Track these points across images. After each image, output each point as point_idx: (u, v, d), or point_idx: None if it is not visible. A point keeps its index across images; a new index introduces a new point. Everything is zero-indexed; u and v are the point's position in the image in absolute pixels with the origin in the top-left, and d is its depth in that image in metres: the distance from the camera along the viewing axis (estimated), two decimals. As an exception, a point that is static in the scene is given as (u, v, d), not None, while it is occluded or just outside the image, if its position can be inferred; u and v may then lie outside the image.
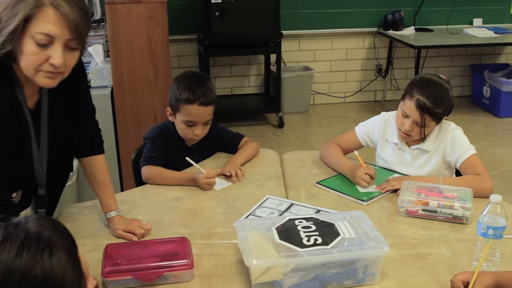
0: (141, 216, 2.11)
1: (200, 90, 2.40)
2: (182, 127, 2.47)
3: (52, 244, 1.09)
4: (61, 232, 1.15)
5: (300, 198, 2.26)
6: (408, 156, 2.45)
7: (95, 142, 2.07)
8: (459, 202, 2.06)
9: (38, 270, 1.05)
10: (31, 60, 1.60)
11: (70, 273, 1.09)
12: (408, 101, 2.32)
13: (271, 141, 5.20)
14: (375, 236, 1.72)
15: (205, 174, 2.33)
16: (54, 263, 1.07)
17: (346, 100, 6.31)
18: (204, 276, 1.76)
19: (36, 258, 1.06)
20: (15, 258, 1.05)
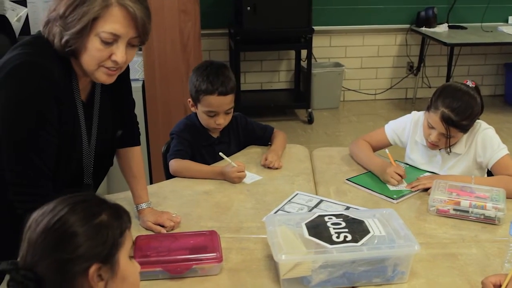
0: (170, 209, 2.12)
1: (218, 80, 2.42)
2: (204, 117, 2.49)
3: (99, 215, 1.20)
4: (120, 218, 1.24)
5: (329, 195, 2.25)
6: (438, 158, 2.42)
7: (133, 134, 2.09)
8: (491, 202, 2.03)
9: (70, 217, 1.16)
10: (94, 56, 1.64)
11: (91, 237, 1.16)
12: (433, 114, 2.27)
13: (300, 137, 5.19)
14: (405, 234, 1.71)
15: (236, 168, 2.35)
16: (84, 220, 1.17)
17: (377, 97, 6.27)
18: (232, 270, 1.77)
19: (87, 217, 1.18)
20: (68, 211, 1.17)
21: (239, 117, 2.67)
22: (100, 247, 1.16)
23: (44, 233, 1.14)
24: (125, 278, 1.22)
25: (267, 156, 2.51)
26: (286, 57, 6.01)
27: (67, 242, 1.13)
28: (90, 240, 1.15)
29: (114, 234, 1.19)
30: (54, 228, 1.14)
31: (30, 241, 1.15)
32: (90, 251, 1.15)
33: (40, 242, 1.14)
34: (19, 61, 1.60)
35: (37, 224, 1.16)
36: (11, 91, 1.60)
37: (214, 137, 2.58)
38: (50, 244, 1.13)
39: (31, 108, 1.61)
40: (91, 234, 1.15)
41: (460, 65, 6.07)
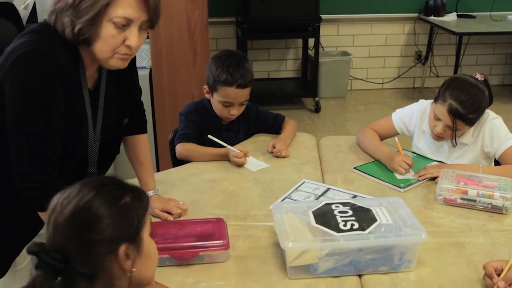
0: (177, 196, 2.12)
1: (238, 72, 2.41)
2: (219, 106, 2.48)
3: (123, 197, 1.23)
4: (140, 199, 1.27)
5: (336, 183, 2.25)
6: (445, 148, 2.41)
7: (140, 121, 2.10)
8: (499, 191, 2.03)
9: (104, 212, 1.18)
10: (109, 43, 1.64)
11: (117, 218, 1.19)
12: (440, 106, 2.25)
13: (307, 125, 5.18)
14: (412, 223, 1.71)
15: (235, 153, 2.35)
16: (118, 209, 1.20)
17: (384, 87, 6.25)
18: (239, 257, 1.77)
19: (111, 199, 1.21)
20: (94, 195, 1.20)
21: (251, 106, 2.66)
22: (126, 228, 1.20)
23: (72, 216, 1.17)
24: (149, 255, 1.27)
25: (275, 144, 2.51)
26: (293, 45, 6.00)
27: (95, 225, 1.16)
28: (117, 222, 1.18)
29: (138, 214, 1.23)
30: (82, 211, 1.17)
31: (57, 224, 1.17)
32: (117, 232, 1.18)
33: (68, 225, 1.16)
34: (26, 48, 1.60)
35: (62, 207, 1.18)
36: (18, 79, 1.60)
37: (223, 124, 2.58)
38: (79, 227, 1.16)
39: (38, 96, 1.61)
40: (117, 216, 1.19)
41: (469, 55, 6.04)
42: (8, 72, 1.59)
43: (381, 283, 1.64)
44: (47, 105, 1.63)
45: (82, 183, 1.23)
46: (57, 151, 1.68)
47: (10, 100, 1.61)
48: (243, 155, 2.37)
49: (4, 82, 1.60)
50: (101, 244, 1.16)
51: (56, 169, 1.69)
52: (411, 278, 1.66)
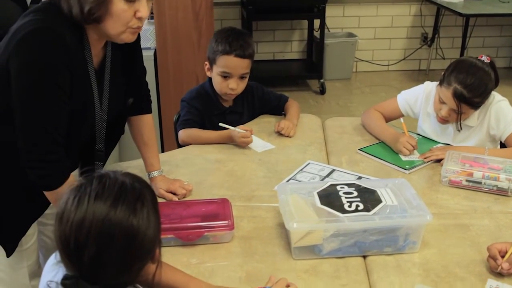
0: (182, 177, 2.13)
1: (237, 42, 2.40)
2: (218, 80, 2.46)
3: (143, 198, 1.18)
4: (148, 185, 1.24)
5: (341, 164, 2.25)
6: (450, 130, 2.39)
7: (144, 101, 2.09)
8: (504, 174, 2.02)
9: (133, 221, 1.14)
10: (121, 18, 1.64)
11: (153, 225, 1.17)
12: (445, 89, 2.23)
13: (312, 107, 5.17)
14: (417, 204, 1.70)
15: (242, 134, 2.35)
16: (144, 216, 1.15)
17: (390, 68, 6.22)
18: (244, 238, 1.78)
19: (130, 211, 1.14)
20: (111, 207, 1.13)
21: (256, 86, 2.65)
22: (156, 229, 1.19)
23: (108, 242, 1.12)
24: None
25: (281, 122, 2.51)
26: (298, 27, 5.96)
27: (133, 245, 1.14)
28: (150, 230, 1.16)
29: (157, 206, 1.22)
30: (117, 235, 1.12)
31: (87, 251, 1.12)
32: (152, 239, 1.18)
33: (103, 253, 1.12)
34: (31, 27, 1.59)
35: (94, 226, 1.12)
36: (23, 59, 1.59)
37: (226, 106, 2.57)
38: (117, 253, 1.13)
39: (43, 76, 1.61)
40: (148, 224, 1.16)
41: (475, 37, 5.99)
42: (14, 51, 1.59)
43: (385, 264, 1.65)
44: (52, 84, 1.63)
45: (106, 194, 1.15)
46: (62, 130, 1.69)
47: (16, 79, 1.60)
48: (250, 134, 2.37)
49: (10, 61, 1.60)
50: (142, 257, 1.17)
51: (61, 148, 1.69)
52: (416, 259, 1.67)
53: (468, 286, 1.55)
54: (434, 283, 1.56)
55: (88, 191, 1.15)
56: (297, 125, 2.59)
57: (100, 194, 1.14)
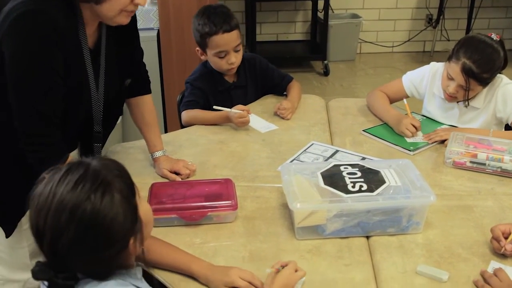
0: (186, 157, 2.13)
1: (220, 18, 2.38)
2: (216, 60, 2.45)
3: (107, 184, 1.14)
4: (121, 175, 1.19)
5: (345, 145, 2.24)
6: (456, 111, 2.38)
7: (143, 82, 2.08)
8: (509, 155, 2.01)
9: (88, 206, 1.10)
10: (118, 2, 1.63)
11: (121, 215, 1.14)
12: (453, 64, 2.21)
13: (316, 89, 5.15)
14: (421, 185, 1.70)
15: (238, 114, 2.35)
16: (105, 203, 1.12)
17: (394, 50, 6.18)
18: (247, 218, 1.78)
19: (88, 195, 1.11)
20: (70, 191, 1.11)
21: (258, 59, 2.64)
22: (129, 220, 1.16)
23: (76, 221, 1.10)
24: (147, 223, 1.26)
25: (283, 103, 2.50)
26: (302, 7, 5.91)
27: (103, 226, 1.12)
28: (123, 219, 1.14)
29: (133, 199, 1.19)
30: (83, 213, 1.10)
31: (62, 228, 1.10)
32: (124, 230, 1.15)
33: (73, 228, 1.10)
34: (23, 9, 1.57)
35: (59, 211, 1.11)
36: (17, 41, 1.58)
37: (230, 82, 2.56)
38: (87, 242, 1.12)
39: (37, 57, 1.60)
40: (120, 214, 1.14)
41: (481, 18, 5.94)
42: (7, 33, 1.58)
43: (388, 245, 1.65)
44: (46, 66, 1.62)
45: (77, 181, 1.13)
46: (58, 112, 1.68)
47: (10, 62, 1.60)
48: (246, 114, 2.37)
49: (3, 43, 1.59)
50: (113, 248, 1.15)
51: (58, 130, 1.69)
52: (419, 240, 1.67)
53: (471, 267, 1.55)
54: (437, 263, 1.56)
55: (54, 178, 1.14)
56: (296, 107, 2.58)
57: (63, 179, 1.13)
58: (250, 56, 2.65)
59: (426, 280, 1.50)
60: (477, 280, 1.49)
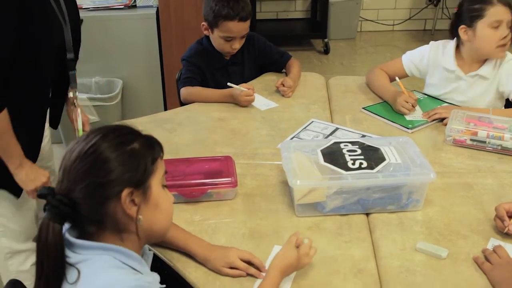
0: (186, 134, 2.13)
1: (238, 5, 2.36)
2: (220, 42, 2.45)
3: (131, 142, 1.21)
4: (147, 139, 1.25)
5: (345, 123, 2.24)
6: (463, 84, 2.36)
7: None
8: (509, 133, 2.01)
9: (101, 144, 1.18)
10: None
11: (120, 161, 1.17)
12: (491, 11, 2.20)
13: (316, 67, 5.12)
14: (421, 162, 1.70)
15: (245, 92, 2.34)
16: (112, 145, 1.18)
17: (395, 28, 6.14)
18: (247, 195, 1.78)
19: (113, 144, 1.19)
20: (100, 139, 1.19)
21: (257, 37, 2.63)
22: (131, 173, 1.18)
23: (78, 159, 1.16)
24: (158, 205, 1.24)
25: (285, 81, 2.48)
26: (303, -15, 5.88)
27: (100, 167, 1.15)
28: (122, 166, 1.16)
29: (146, 161, 1.20)
30: (87, 155, 1.16)
31: (65, 169, 1.17)
32: (122, 175, 1.16)
33: (74, 168, 1.16)
34: None
35: (71, 152, 1.18)
36: None
37: (227, 59, 2.55)
38: (84, 169, 1.15)
39: None
40: (122, 160, 1.17)
41: (482, -4, 5.89)
42: None
43: (388, 222, 1.65)
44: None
45: (92, 129, 1.22)
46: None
47: None
48: (252, 93, 2.36)
49: None
50: (105, 186, 1.15)
51: None
52: (418, 217, 1.67)
53: (470, 244, 1.56)
54: (437, 241, 1.57)
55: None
56: (296, 86, 2.57)
57: (93, 130, 1.21)
58: (248, 34, 2.63)
59: (425, 257, 1.51)
60: (477, 257, 1.49)
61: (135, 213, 1.19)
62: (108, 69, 3.62)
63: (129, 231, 1.21)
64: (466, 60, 2.34)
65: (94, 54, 3.46)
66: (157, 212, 1.24)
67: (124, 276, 1.13)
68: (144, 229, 1.22)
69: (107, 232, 1.19)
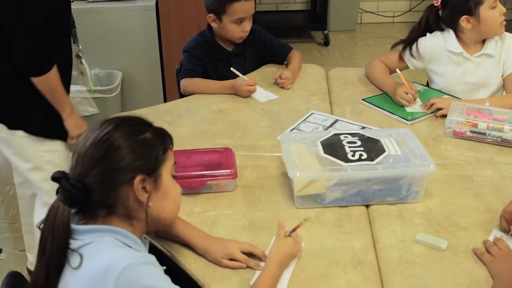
0: (184, 126, 2.12)
1: None
2: (232, 27, 2.45)
3: (144, 132, 1.27)
4: (159, 131, 1.32)
5: (345, 115, 2.23)
6: (471, 65, 2.36)
7: None
8: (509, 125, 2.01)
9: (114, 131, 1.23)
10: None
11: (132, 149, 1.22)
12: None
13: (316, 59, 5.12)
14: (421, 154, 1.70)
15: (247, 81, 2.33)
16: (125, 134, 1.23)
17: (395, 20, 6.13)
18: (247, 187, 1.78)
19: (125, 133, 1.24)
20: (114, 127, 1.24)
21: (257, 29, 2.63)
22: (144, 160, 1.23)
23: (92, 146, 1.20)
24: (167, 194, 1.29)
25: (283, 73, 2.48)
26: (302, -24, 5.86)
27: (113, 154, 1.20)
28: (134, 153, 1.21)
29: (157, 150, 1.26)
30: (101, 142, 1.21)
31: (79, 155, 1.22)
32: (134, 162, 1.21)
33: (88, 154, 1.20)
34: None
35: (86, 139, 1.23)
36: None
37: (229, 50, 2.54)
38: (97, 156, 1.20)
39: None
40: (135, 148, 1.22)
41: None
42: None
43: (388, 214, 1.65)
44: None
45: (107, 119, 1.27)
46: None
47: None
48: (254, 83, 2.36)
49: None
50: (118, 172, 1.20)
51: None
52: (418, 209, 1.67)
53: (470, 236, 1.56)
54: (436, 232, 1.57)
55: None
56: (296, 77, 2.57)
57: (107, 119, 1.27)
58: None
59: (425, 249, 1.51)
60: (476, 248, 1.49)
61: (146, 199, 1.23)
62: (107, 61, 3.62)
63: (137, 218, 1.25)
64: (468, 44, 2.35)
65: (94, 46, 3.45)
66: (166, 200, 1.29)
67: (129, 253, 1.17)
68: (152, 216, 1.26)
69: (115, 216, 1.23)
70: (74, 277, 1.14)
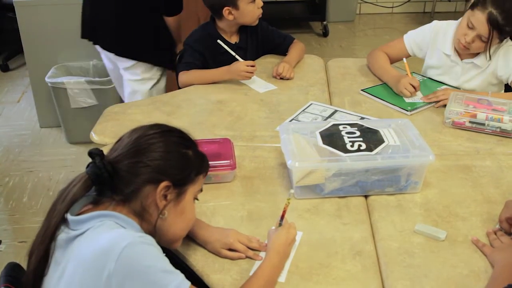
0: (184, 117, 2.12)
1: None
2: (250, 8, 2.44)
3: (186, 144, 1.33)
4: (199, 155, 1.36)
5: (344, 105, 2.23)
6: (458, 69, 2.36)
7: None
8: (508, 115, 2.01)
9: (156, 136, 1.29)
10: None
11: (169, 157, 1.27)
12: (478, 12, 2.14)
13: (315, 50, 5.10)
14: (420, 144, 1.70)
15: (245, 62, 2.34)
16: (170, 142, 1.29)
17: (394, 11, 6.11)
18: (246, 177, 1.78)
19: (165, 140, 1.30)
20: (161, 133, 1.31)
21: (260, 21, 2.61)
22: (177, 171, 1.27)
23: (136, 140, 1.26)
24: (184, 212, 1.31)
25: (279, 67, 2.47)
26: (301, -33, 5.83)
27: (152, 153, 1.25)
28: (171, 161, 1.26)
29: (192, 169, 1.30)
30: (146, 139, 1.26)
31: (122, 141, 1.28)
32: (167, 168, 1.25)
33: (130, 144, 1.26)
34: None
35: (135, 132, 1.29)
36: None
37: (232, 43, 2.54)
38: (137, 149, 1.25)
39: None
40: (174, 157, 1.27)
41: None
42: None
43: (387, 204, 1.65)
44: None
45: (158, 123, 1.33)
46: None
47: None
48: (253, 63, 2.36)
49: None
50: (148, 169, 1.23)
51: None
52: (417, 199, 1.67)
53: (469, 226, 1.56)
54: (435, 223, 1.57)
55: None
56: (295, 66, 2.56)
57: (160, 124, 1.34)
58: None
59: (424, 239, 1.51)
60: (476, 240, 1.49)
61: (163, 206, 1.26)
62: (106, 52, 3.59)
63: (147, 220, 1.26)
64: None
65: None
66: (180, 218, 1.31)
67: (129, 233, 1.17)
68: (161, 226, 1.28)
69: (127, 207, 1.24)
70: (75, 256, 1.16)
